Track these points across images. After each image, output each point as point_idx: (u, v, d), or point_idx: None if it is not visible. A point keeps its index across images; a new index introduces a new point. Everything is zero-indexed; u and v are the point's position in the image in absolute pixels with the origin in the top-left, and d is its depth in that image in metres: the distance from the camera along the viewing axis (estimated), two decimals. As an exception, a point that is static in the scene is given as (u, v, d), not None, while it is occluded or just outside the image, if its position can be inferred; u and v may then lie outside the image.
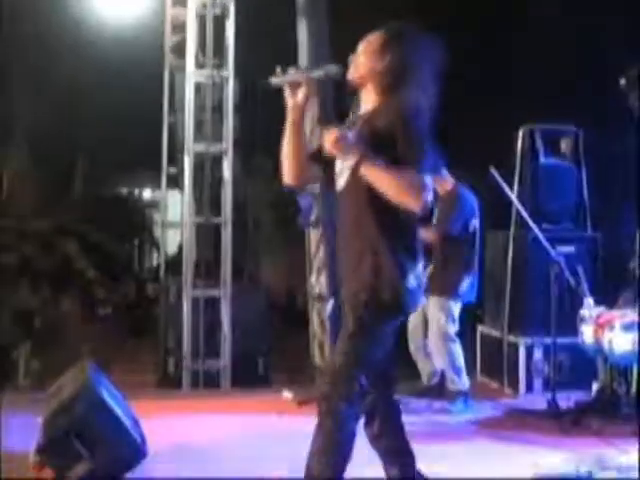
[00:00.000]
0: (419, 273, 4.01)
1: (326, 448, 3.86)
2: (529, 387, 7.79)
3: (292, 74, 4.07)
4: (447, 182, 7.36)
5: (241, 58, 8.47)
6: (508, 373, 7.97)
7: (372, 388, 4.02)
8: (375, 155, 3.85)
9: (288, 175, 4.17)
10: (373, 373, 4.01)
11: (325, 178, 4.29)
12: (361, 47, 4.12)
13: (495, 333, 8.27)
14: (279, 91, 4.11)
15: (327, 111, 8.14)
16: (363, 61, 4.07)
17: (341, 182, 4.08)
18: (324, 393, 3.89)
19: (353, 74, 4.08)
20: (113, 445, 5.12)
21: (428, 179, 3.82)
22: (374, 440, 4.18)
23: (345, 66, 4.10)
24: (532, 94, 10.82)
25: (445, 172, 7.35)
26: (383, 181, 3.82)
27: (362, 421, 4.10)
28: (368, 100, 4.10)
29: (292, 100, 4.06)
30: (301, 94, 4.05)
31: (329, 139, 3.87)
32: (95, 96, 12.47)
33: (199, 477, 5.36)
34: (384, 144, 3.86)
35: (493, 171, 7.26)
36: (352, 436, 3.90)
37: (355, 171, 3.91)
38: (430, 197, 3.83)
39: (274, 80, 4.09)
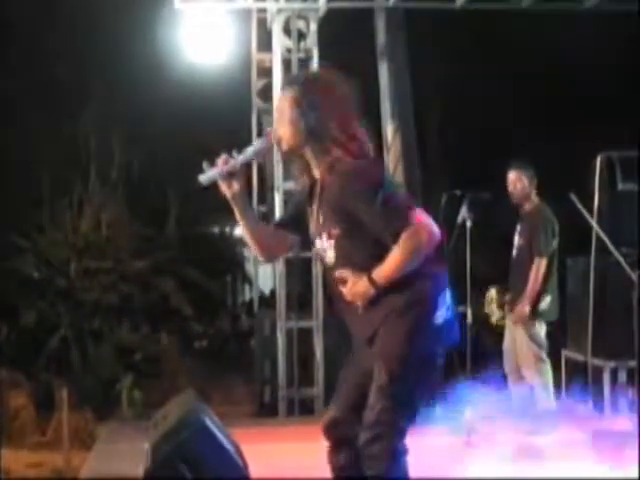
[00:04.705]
0: (448, 303, 3.77)
1: None
2: (614, 409, 7.83)
3: (220, 165, 3.80)
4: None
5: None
6: (593, 396, 7.97)
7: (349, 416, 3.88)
8: (354, 226, 3.71)
9: (261, 256, 4.05)
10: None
11: (301, 241, 4.07)
12: (276, 117, 3.93)
13: (579, 357, 8.34)
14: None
15: None
16: (285, 131, 3.84)
17: (329, 258, 3.88)
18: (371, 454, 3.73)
19: (284, 146, 3.86)
20: (217, 470, 5.17)
21: (412, 218, 3.63)
22: (339, 470, 3.98)
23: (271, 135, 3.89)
24: (610, 120, 10.97)
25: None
26: (397, 270, 3.66)
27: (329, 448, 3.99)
28: (315, 163, 3.87)
29: (230, 191, 3.82)
30: (236, 183, 3.81)
31: (351, 297, 3.74)
32: (185, 138, 12.90)
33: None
34: (351, 213, 3.70)
35: (573, 197, 7.41)
36: None
37: (340, 243, 3.79)
38: (429, 223, 3.65)
39: (203, 178, 3.83)
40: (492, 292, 7.90)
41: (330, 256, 3.86)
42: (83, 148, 11.84)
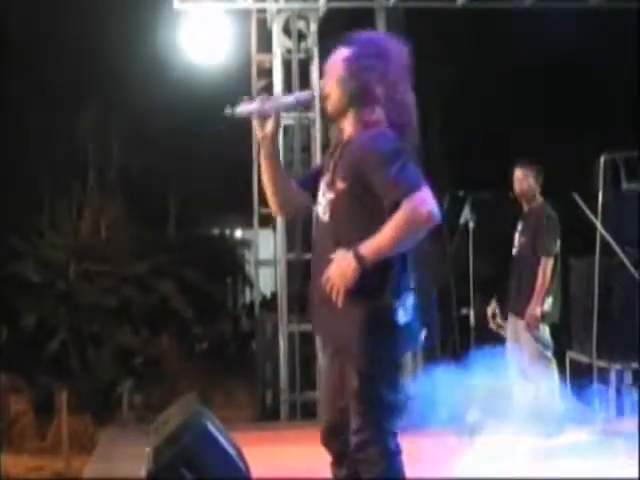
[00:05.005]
0: (410, 304, 3.71)
1: None
2: (620, 411, 7.83)
3: (259, 102, 3.74)
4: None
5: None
6: (599, 398, 7.98)
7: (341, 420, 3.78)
8: (359, 187, 3.67)
9: (274, 207, 4.02)
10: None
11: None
12: (326, 73, 3.86)
13: (584, 359, 8.32)
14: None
15: None
16: (333, 90, 3.79)
17: (326, 216, 3.82)
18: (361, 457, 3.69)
19: (329, 107, 3.83)
20: (219, 473, 5.15)
21: (419, 192, 3.55)
22: None
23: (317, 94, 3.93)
24: (614, 120, 10.92)
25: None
26: (389, 243, 3.55)
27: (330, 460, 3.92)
28: (350, 125, 3.82)
29: (262, 131, 3.78)
30: (270, 124, 3.76)
31: (331, 291, 3.59)
32: (186, 140, 12.86)
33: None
34: (363, 179, 3.66)
35: (576, 197, 7.37)
36: None
37: (335, 205, 3.75)
38: (433, 203, 3.57)
39: (239, 109, 3.75)
40: (493, 305, 7.81)
41: (327, 213, 3.80)
42: (82, 150, 11.80)
